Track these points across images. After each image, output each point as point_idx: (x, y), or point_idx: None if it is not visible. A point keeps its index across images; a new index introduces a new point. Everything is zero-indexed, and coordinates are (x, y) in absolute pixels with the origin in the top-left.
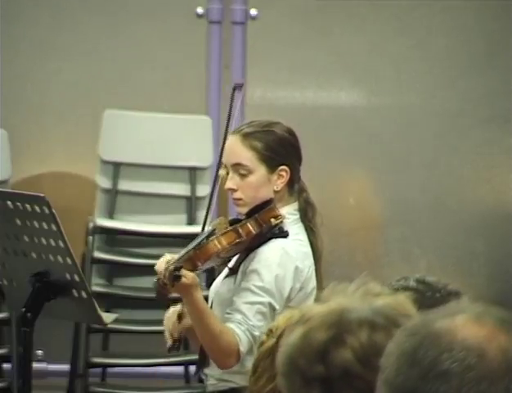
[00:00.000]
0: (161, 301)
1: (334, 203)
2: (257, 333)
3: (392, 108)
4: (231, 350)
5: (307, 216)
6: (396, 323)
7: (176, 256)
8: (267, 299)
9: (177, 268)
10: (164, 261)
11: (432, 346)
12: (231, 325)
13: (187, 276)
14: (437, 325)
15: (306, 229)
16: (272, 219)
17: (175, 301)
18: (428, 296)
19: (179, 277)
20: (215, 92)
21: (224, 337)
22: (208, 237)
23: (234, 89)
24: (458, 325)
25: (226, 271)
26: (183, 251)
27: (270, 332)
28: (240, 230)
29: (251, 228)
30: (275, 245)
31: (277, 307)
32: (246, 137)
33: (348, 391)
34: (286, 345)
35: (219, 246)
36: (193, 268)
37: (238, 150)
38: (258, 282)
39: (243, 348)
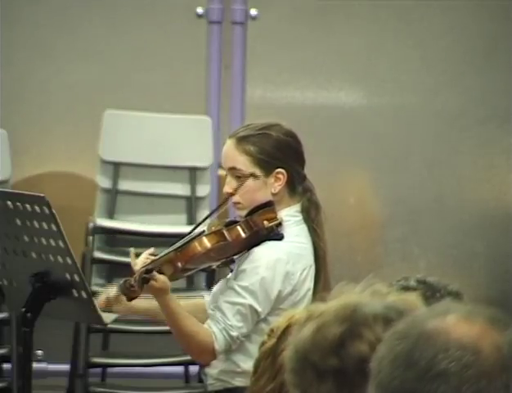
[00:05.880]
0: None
1: (334, 203)
2: (234, 333)
3: (392, 108)
4: (205, 348)
5: (310, 216)
6: None
7: (155, 257)
8: (248, 301)
9: (149, 271)
10: (142, 261)
11: (427, 347)
12: (210, 322)
13: (158, 279)
14: (428, 326)
15: (309, 230)
16: (265, 222)
17: None
18: (429, 296)
19: (148, 280)
20: (215, 92)
21: (198, 336)
22: (194, 238)
23: None
24: (450, 325)
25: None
26: (164, 252)
27: (271, 332)
28: (226, 232)
29: (240, 230)
30: (267, 247)
31: (260, 310)
32: (240, 141)
33: (362, 380)
34: (297, 341)
35: (200, 247)
36: (173, 270)
37: (233, 154)
38: (242, 282)
39: (218, 346)
